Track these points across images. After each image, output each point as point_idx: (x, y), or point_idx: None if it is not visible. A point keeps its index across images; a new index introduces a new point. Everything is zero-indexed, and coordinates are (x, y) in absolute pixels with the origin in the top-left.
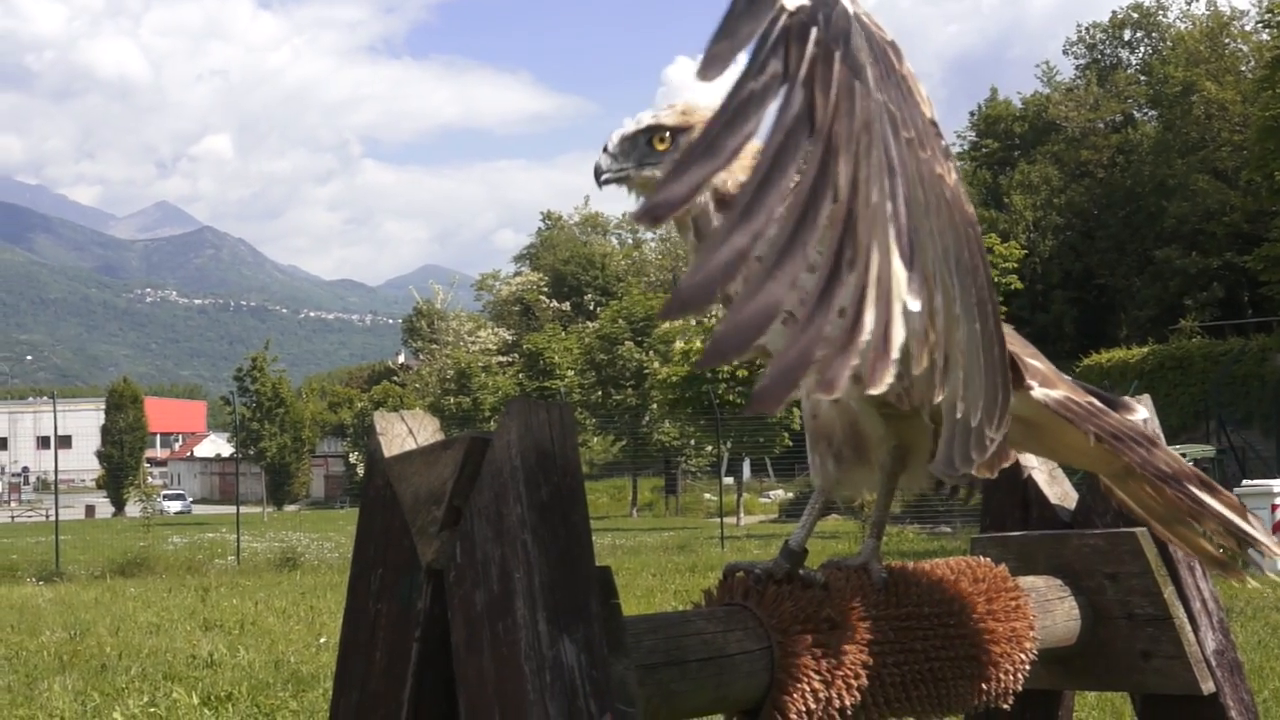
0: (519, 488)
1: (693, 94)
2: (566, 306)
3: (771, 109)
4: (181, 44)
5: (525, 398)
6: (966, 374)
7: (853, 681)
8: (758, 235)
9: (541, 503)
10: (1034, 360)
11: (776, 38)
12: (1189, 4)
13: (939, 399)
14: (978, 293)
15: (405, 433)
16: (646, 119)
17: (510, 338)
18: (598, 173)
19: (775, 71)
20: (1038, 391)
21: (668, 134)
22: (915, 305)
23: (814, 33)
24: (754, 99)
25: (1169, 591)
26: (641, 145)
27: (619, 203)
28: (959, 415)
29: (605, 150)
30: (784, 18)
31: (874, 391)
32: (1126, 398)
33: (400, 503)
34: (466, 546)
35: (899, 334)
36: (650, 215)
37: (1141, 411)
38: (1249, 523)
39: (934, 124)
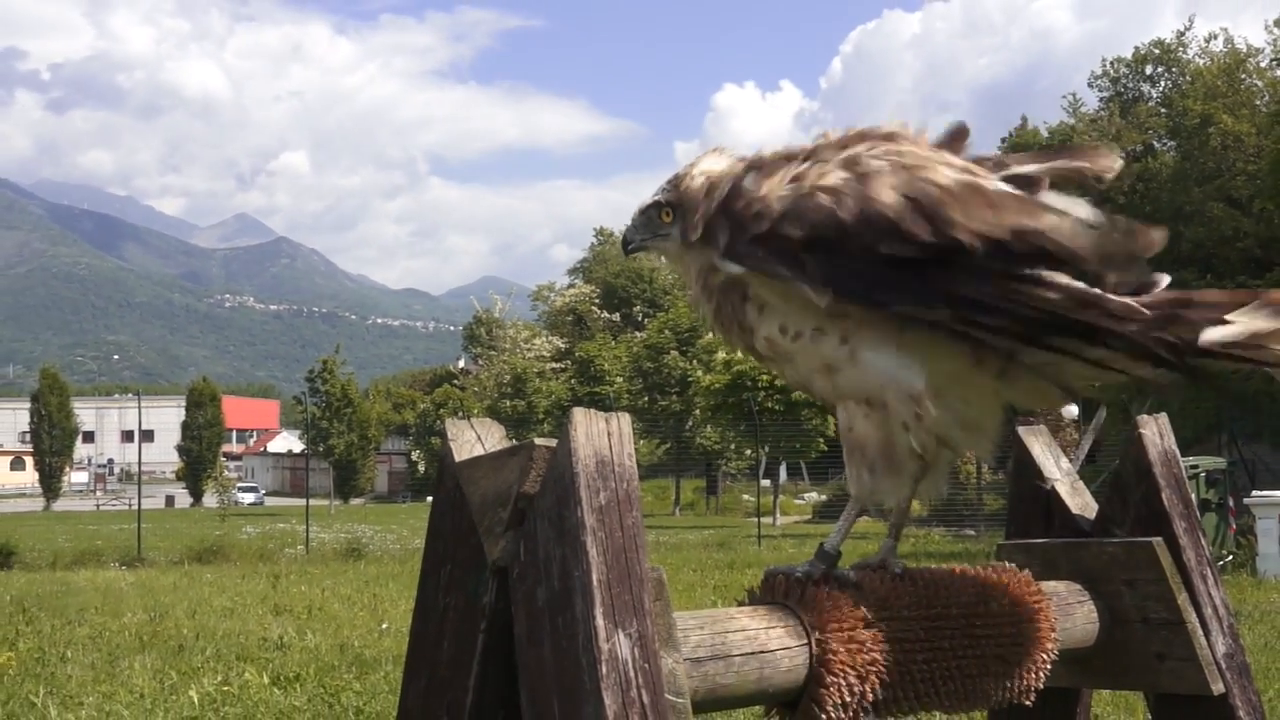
0: (579, 492)
1: (703, 155)
2: (616, 317)
3: None
4: (262, 66)
5: (586, 408)
6: None
7: (885, 677)
8: None
9: (600, 506)
10: None
11: None
12: (1208, 42)
13: None
14: None
15: (474, 439)
16: (653, 195)
17: (563, 345)
18: (624, 243)
19: None
20: None
21: (669, 208)
22: None
23: None
24: None
25: (1183, 598)
26: (653, 219)
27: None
28: None
29: (630, 223)
30: None
31: None
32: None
33: (469, 504)
34: (530, 546)
35: None
36: None
37: (1163, 279)
38: None
39: None
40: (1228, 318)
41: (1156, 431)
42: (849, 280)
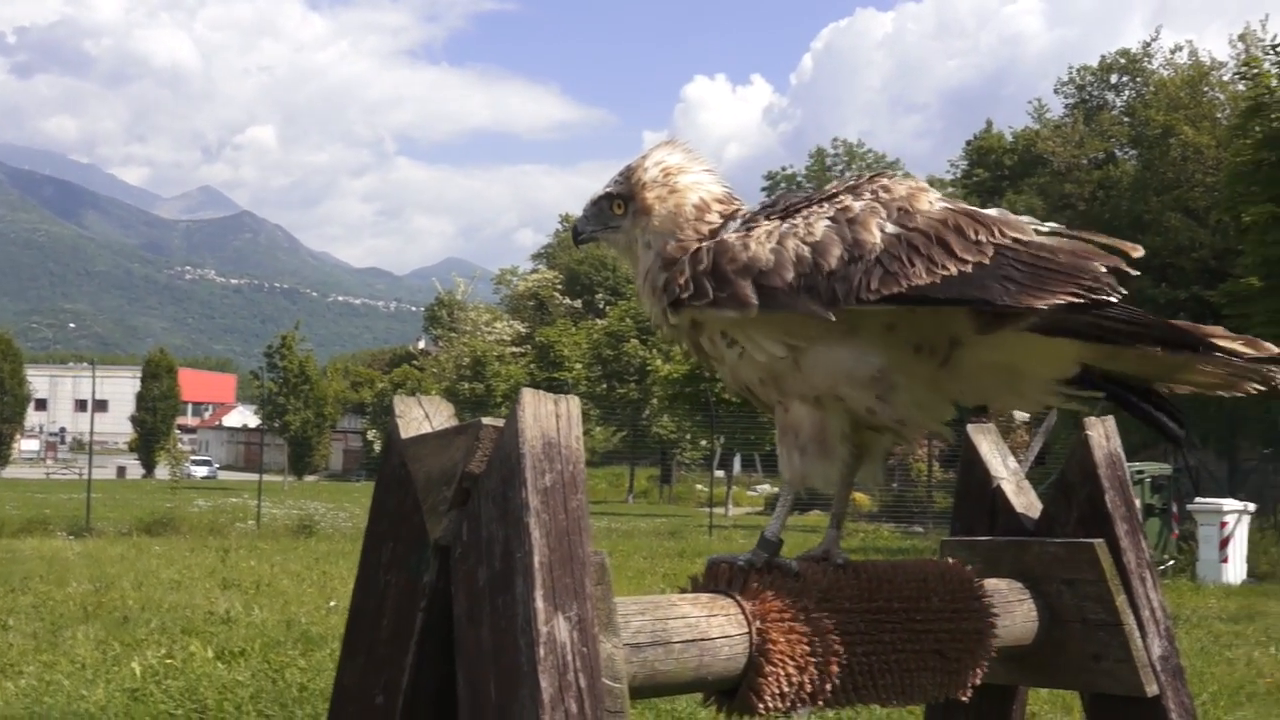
0: (525, 473)
1: (657, 147)
2: (578, 304)
3: None
4: (233, 38)
5: (535, 389)
6: None
7: (824, 669)
8: None
9: (545, 488)
10: None
11: None
12: (1173, 53)
13: None
14: None
15: (422, 417)
16: (605, 187)
17: (524, 330)
18: (575, 234)
19: None
20: None
21: (620, 200)
22: None
23: None
24: None
25: (1121, 599)
26: (605, 210)
27: None
28: None
29: (582, 213)
30: None
31: None
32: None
33: (414, 482)
34: (473, 525)
35: None
36: None
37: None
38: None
39: None
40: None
41: (1103, 434)
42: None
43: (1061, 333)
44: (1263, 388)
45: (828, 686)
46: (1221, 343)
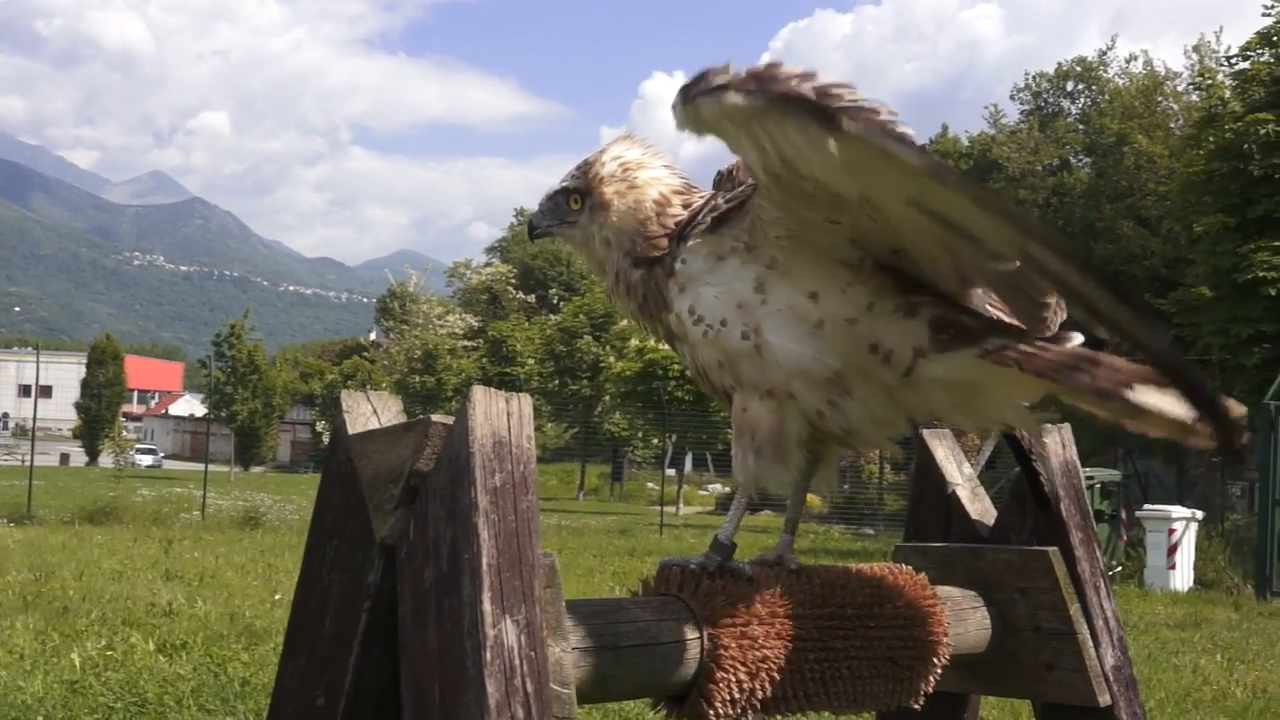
0: (474, 472)
1: (618, 142)
2: (532, 299)
3: None
4: (187, 21)
5: (487, 385)
6: None
7: (776, 675)
8: None
9: (494, 488)
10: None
11: None
12: (1128, 62)
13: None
14: None
15: (370, 412)
16: (560, 183)
17: (476, 324)
18: (530, 227)
19: None
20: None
21: (577, 195)
22: None
23: None
24: None
25: (1075, 608)
26: (561, 205)
27: None
28: None
29: (538, 208)
30: None
31: None
32: (1066, 333)
33: (360, 479)
34: (420, 525)
35: None
36: None
37: (1077, 338)
38: (1177, 401)
39: None
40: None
41: (1059, 441)
42: None
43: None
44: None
45: (779, 693)
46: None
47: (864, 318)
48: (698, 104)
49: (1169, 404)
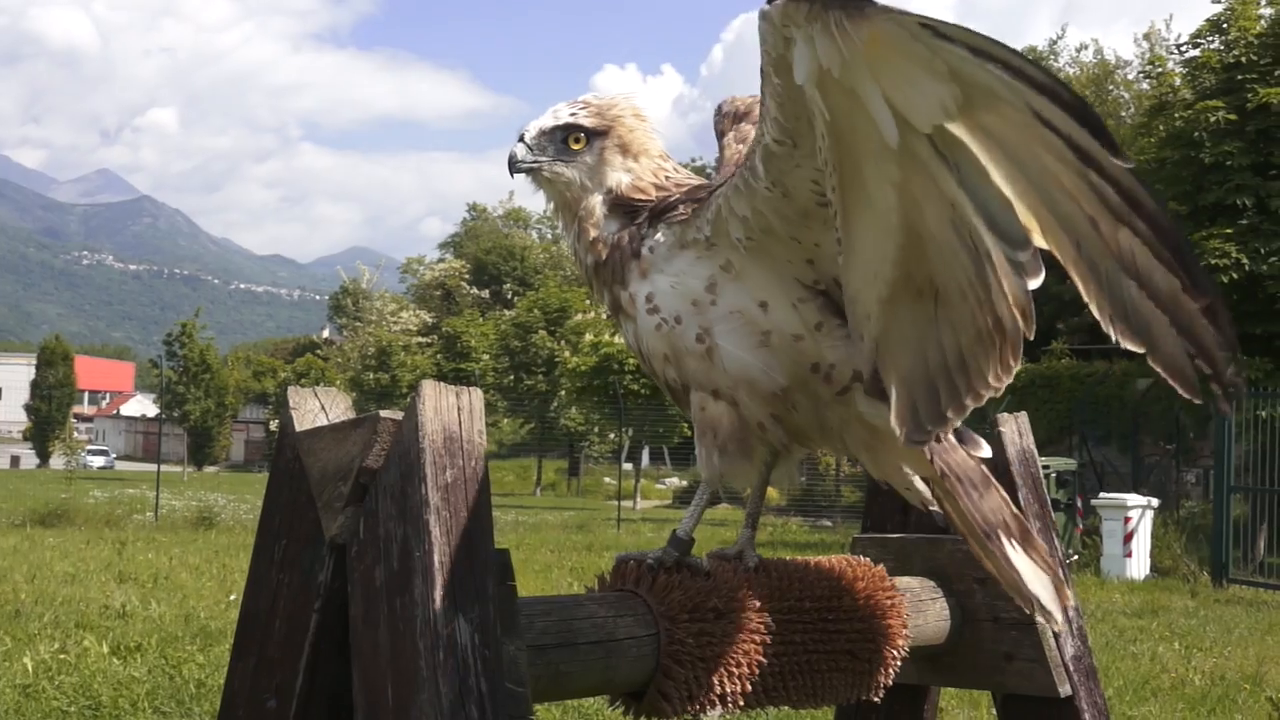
0: (424, 469)
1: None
2: (486, 294)
3: None
4: (133, 18)
5: (436, 381)
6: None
7: (734, 670)
8: None
9: (446, 485)
10: None
11: None
12: (1079, 51)
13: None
14: None
15: (317, 409)
16: (564, 115)
17: (430, 320)
18: (512, 161)
19: None
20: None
21: (583, 134)
22: None
23: None
24: None
25: None
26: (558, 141)
27: (540, 199)
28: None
29: (522, 140)
30: None
31: None
32: (977, 436)
33: (308, 477)
34: (370, 523)
35: None
36: None
37: (985, 450)
38: (1044, 585)
39: None
40: None
41: (1016, 430)
42: None
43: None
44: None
45: (738, 688)
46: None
47: (810, 336)
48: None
49: (1029, 574)
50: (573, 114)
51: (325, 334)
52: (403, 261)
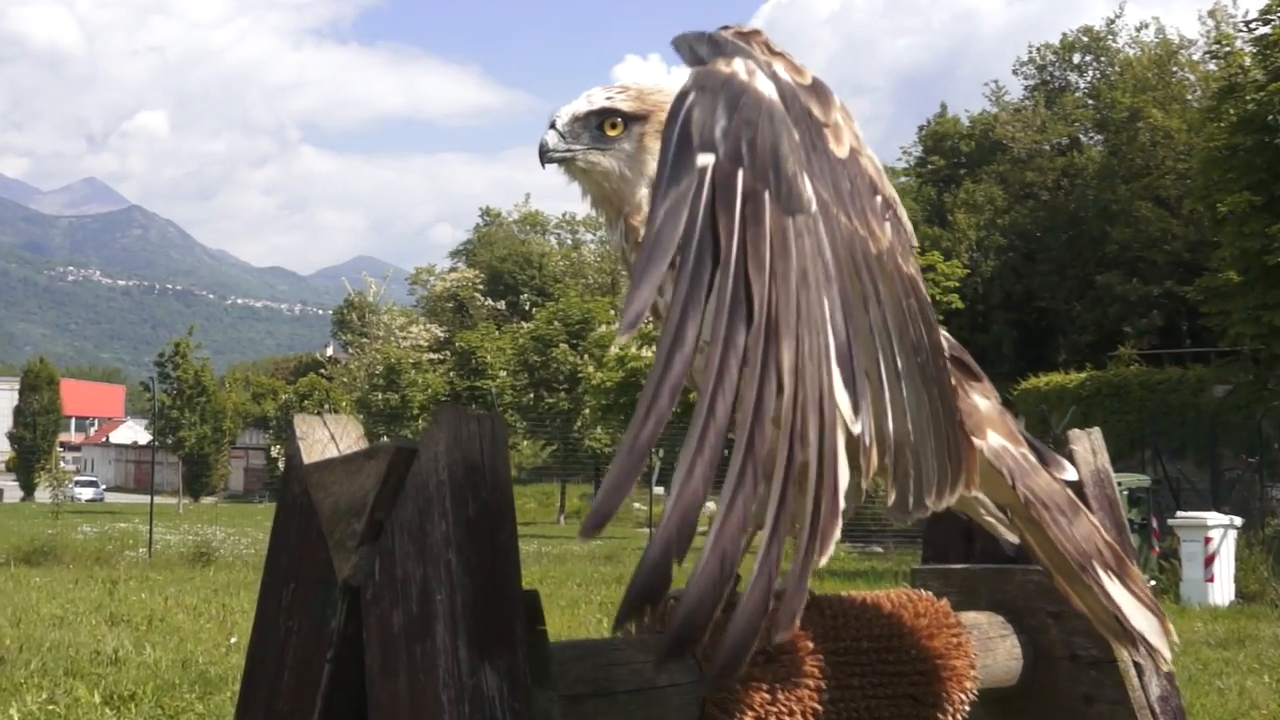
0: (445, 503)
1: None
2: (501, 305)
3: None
4: (120, 16)
5: (455, 406)
6: (915, 455)
7: (787, 718)
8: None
9: (468, 520)
10: (980, 395)
11: (703, 220)
12: (1139, 31)
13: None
14: (921, 364)
15: (327, 438)
16: (600, 99)
17: (442, 335)
18: (543, 149)
19: (706, 262)
20: (984, 447)
21: (620, 119)
22: (858, 427)
23: (739, 184)
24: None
25: None
26: (593, 128)
27: (560, 201)
28: (907, 495)
29: (553, 127)
30: (705, 183)
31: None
32: (1059, 456)
33: (318, 513)
34: (386, 563)
35: (844, 486)
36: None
37: (1071, 472)
38: (1148, 619)
39: (872, 178)
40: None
41: (1089, 448)
42: None
43: None
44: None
45: None
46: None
47: None
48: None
49: (1131, 608)
50: (609, 98)
51: (329, 351)
52: (411, 272)
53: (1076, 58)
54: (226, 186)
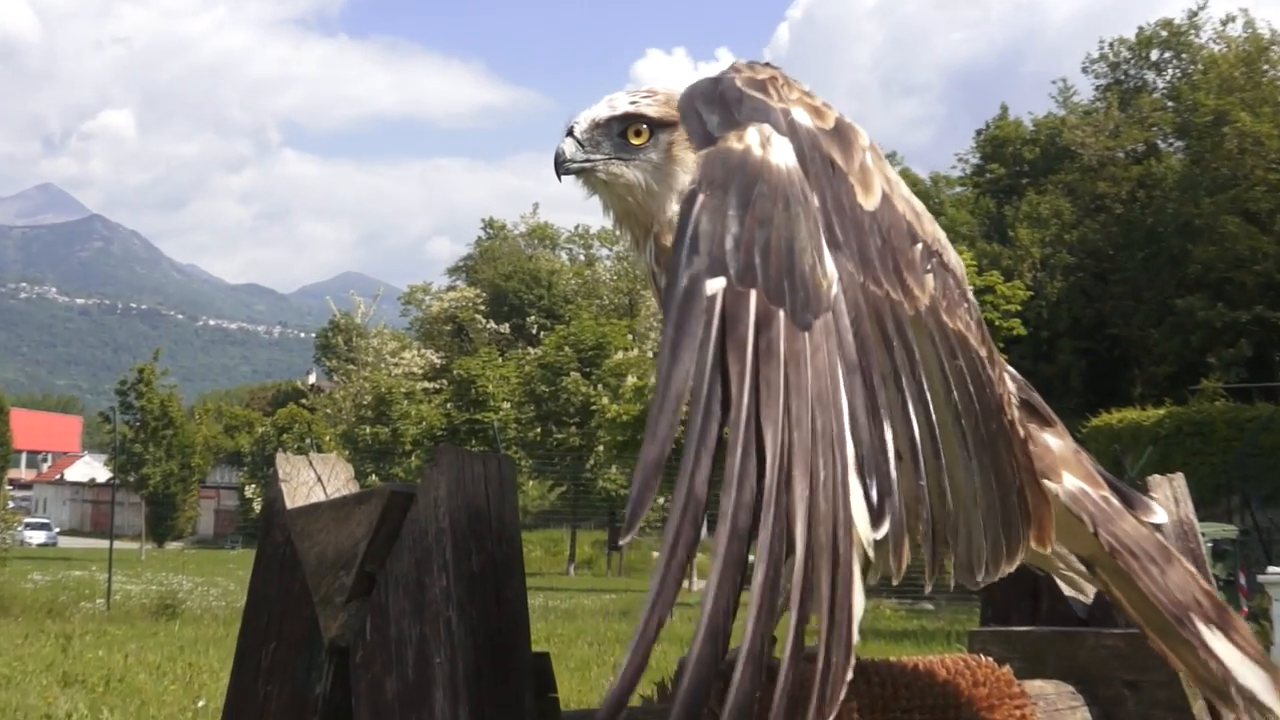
0: (445, 555)
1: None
2: (505, 329)
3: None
4: (83, 3)
5: (457, 446)
6: (969, 527)
7: None
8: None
9: (471, 574)
10: (1052, 435)
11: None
12: (1224, 24)
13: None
14: (972, 428)
15: (313, 480)
16: (623, 104)
17: (439, 361)
18: (560, 160)
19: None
20: (1059, 492)
21: (646, 126)
22: (882, 532)
23: (752, 312)
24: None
25: (1199, 706)
26: (614, 135)
27: (573, 213)
28: (969, 563)
29: (571, 134)
30: (715, 318)
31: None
32: (1145, 497)
33: (302, 564)
34: (379, 622)
35: (858, 616)
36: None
37: (1160, 514)
38: (1257, 674)
39: (908, 224)
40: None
41: (1170, 495)
42: None
43: None
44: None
45: None
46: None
47: None
48: None
49: (1237, 664)
50: (633, 102)
51: (311, 379)
52: (404, 290)
53: (1155, 54)
54: (199, 194)
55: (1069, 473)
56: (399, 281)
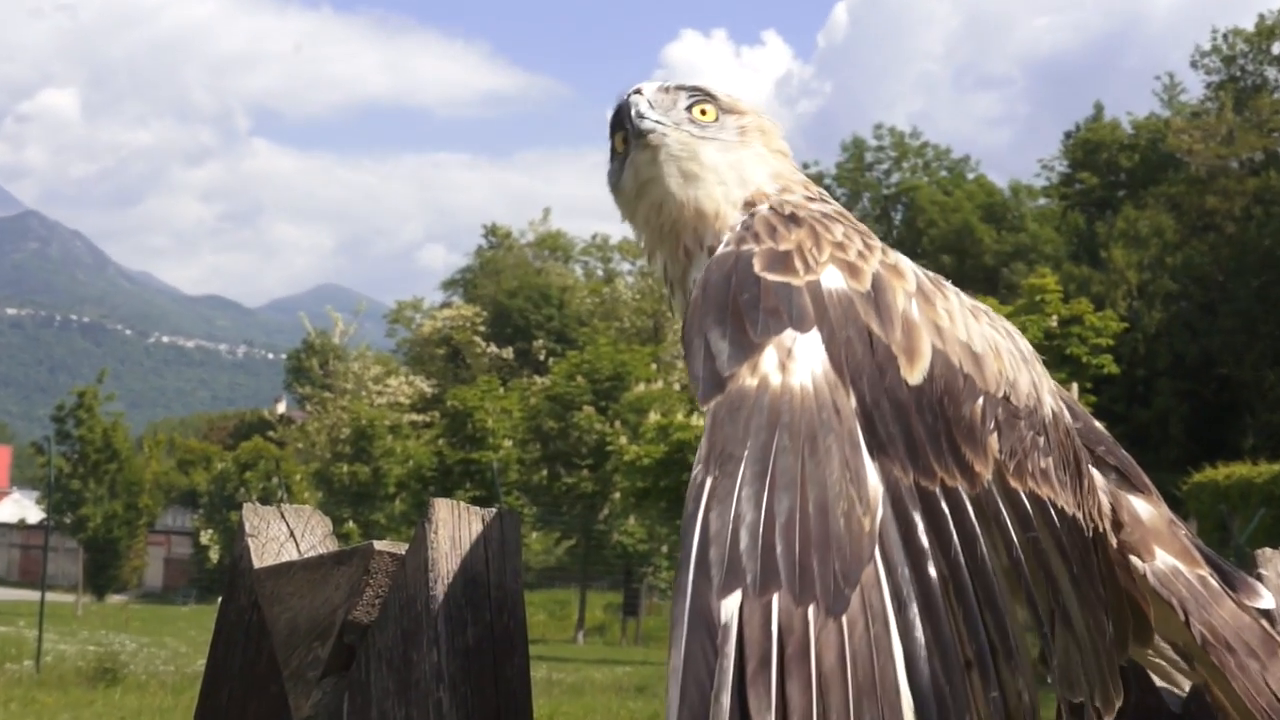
0: (437, 626)
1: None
2: (509, 353)
3: None
4: None
5: (452, 501)
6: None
7: None
8: None
9: (466, 649)
10: (1142, 501)
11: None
12: None
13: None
14: (1061, 610)
15: (284, 535)
16: (691, 82)
17: (430, 390)
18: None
19: None
20: (1148, 572)
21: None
22: None
23: (774, 627)
24: None
25: None
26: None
27: (590, 219)
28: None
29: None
30: (730, 650)
31: None
32: (1251, 579)
33: (271, 633)
34: (358, 702)
35: None
36: None
37: (1267, 598)
38: None
39: (966, 376)
40: None
41: (1265, 603)
42: None
43: None
44: None
45: None
46: None
47: None
48: None
49: None
50: (705, 83)
51: (280, 408)
52: (391, 307)
53: (1276, 48)
54: (153, 190)
55: (1161, 548)
56: (385, 296)
